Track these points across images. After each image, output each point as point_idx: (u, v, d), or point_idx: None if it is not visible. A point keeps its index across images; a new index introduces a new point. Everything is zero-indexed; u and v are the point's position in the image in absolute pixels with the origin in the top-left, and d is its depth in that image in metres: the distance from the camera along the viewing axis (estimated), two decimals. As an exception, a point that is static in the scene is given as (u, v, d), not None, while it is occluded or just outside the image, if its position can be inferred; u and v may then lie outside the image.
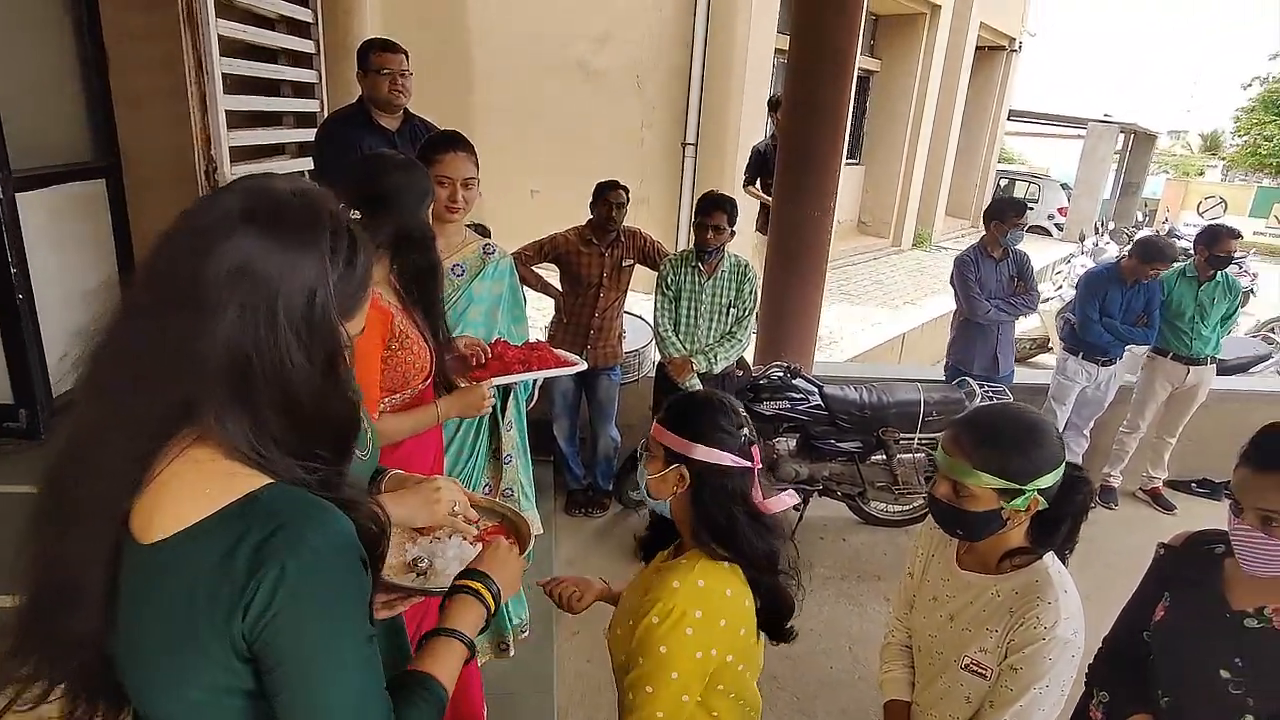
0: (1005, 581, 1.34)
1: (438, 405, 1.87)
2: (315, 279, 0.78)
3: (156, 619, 0.76)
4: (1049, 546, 1.33)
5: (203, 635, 0.74)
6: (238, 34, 3.25)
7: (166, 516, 0.76)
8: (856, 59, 3.95)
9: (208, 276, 0.73)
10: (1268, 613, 1.29)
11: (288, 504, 0.77)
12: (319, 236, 0.79)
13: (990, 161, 15.19)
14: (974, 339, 4.09)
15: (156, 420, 0.75)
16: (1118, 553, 3.91)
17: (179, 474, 0.76)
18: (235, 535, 0.74)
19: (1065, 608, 1.27)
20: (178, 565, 0.75)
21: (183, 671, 0.76)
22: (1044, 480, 1.26)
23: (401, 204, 1.74)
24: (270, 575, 0.72)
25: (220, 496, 0.76)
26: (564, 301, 3.64)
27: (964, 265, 4.05)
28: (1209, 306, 4.05)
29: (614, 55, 7.20)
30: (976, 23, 12.04)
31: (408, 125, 3.19)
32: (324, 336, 0.79)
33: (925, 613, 1.48)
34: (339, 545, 0.78)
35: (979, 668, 1.33)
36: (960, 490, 1.28)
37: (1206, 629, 1.37)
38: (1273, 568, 1.27)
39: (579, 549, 3.56)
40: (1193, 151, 38.68)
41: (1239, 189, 22.63)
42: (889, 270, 10.50)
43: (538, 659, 2.70)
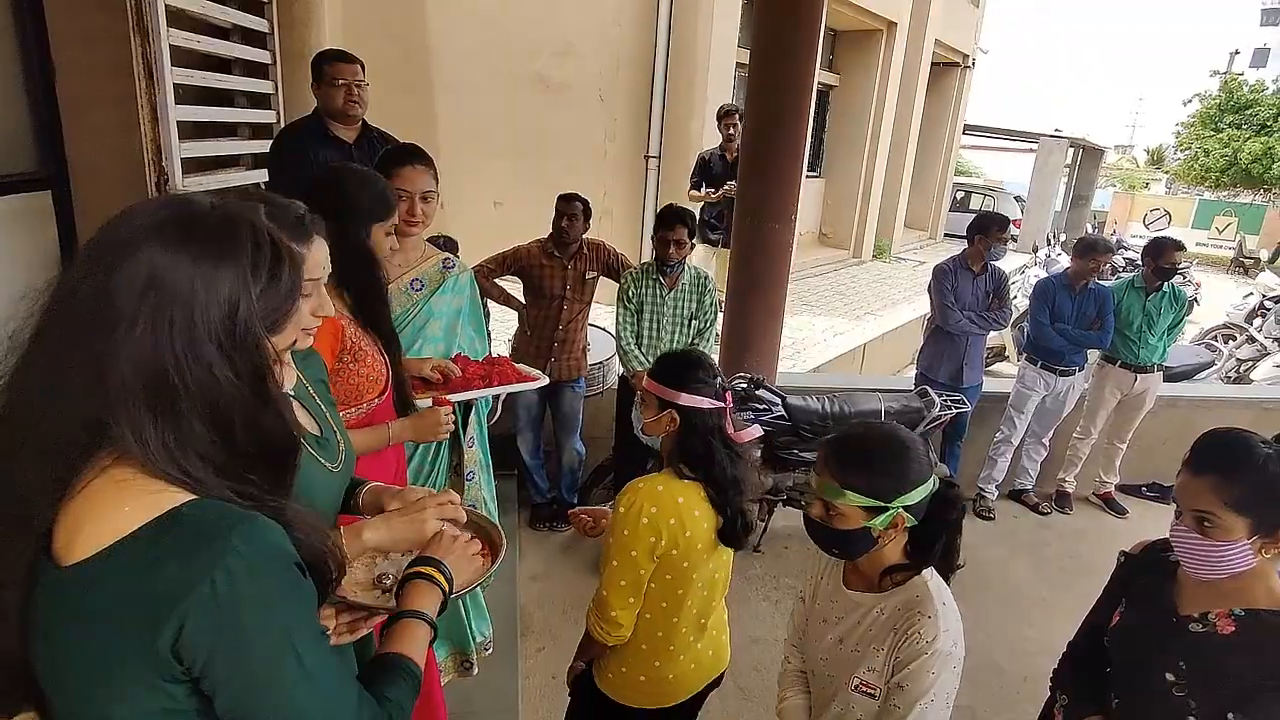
0: (888, 599, 1.36)
1: (389, 427, 1.82)
2: (234, 292, 0.76)
3: (78, 642, 0.74)
4: (926, 562, 1.36)
5: (126, 657, 0.71)
6: (191, 44, 3.18)
7: (85, 537, 0.73)
8: (816, 73, 4.02)
9: (115, 291, 0.71)
10: (1211, 618, 1.32)
11: (212, 516, 0.74)
12: (237, 249, 0.77)
13: (947, 174, 15.55)
14: (943, 348, 4.18)
15: (69, 440, 0.73)
16: (1072, 556, 4.02)
17: (98, 494, 0.74)
18: (156, 553, 0.71)
19: (944, 620, 1.29)
20: (97, 587, 0.72)
21: (107, 696, 0.74)
22: (909, 497, 1.29)
23: (347, 218, 1.70)
24: (201, 592, 0.70)
25: (139, 514, 0.73)
26: (527, 314, 3.62)
27: (942, 275, 4.14)
28: (1156, 316, 4.19)
29: (576, 68, 7.22)
30: (932, 40, 12.36)
31: (365, 137, 3.15)
32: (248, 350, 0.77)
33: (817, 636, 1.49)
34: (269, 553, 0.76)
35: (868, 688, 1.34)
36: (831, 510, 1.31)
37: (1155, 634, 1.40)
38: (1207, 569, 1.30)
39: (544, 563, 3.53)
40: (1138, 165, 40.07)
41: (1182, 201, 23.48)
42: (850, 281, 10.65)
43: (502, 677, 2.66)
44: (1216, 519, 1.26)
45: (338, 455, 1.32)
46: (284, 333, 0.86)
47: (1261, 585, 1.30)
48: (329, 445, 1.31)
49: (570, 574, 3.47)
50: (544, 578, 3.41)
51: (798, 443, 3.65)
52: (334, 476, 1.29)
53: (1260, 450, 1.27)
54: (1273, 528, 1.25)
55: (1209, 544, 1.28)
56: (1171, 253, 4.17)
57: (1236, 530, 1.25)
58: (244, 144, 3.78)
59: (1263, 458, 1.26)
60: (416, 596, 1.05)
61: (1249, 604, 1.29)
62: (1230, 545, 1.26)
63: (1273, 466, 1.25)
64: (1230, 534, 1.26)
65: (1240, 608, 1.29)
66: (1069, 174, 19.48)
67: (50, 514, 0.74)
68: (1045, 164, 16.83)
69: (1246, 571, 1.28)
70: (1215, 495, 1.27)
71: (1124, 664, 1.46)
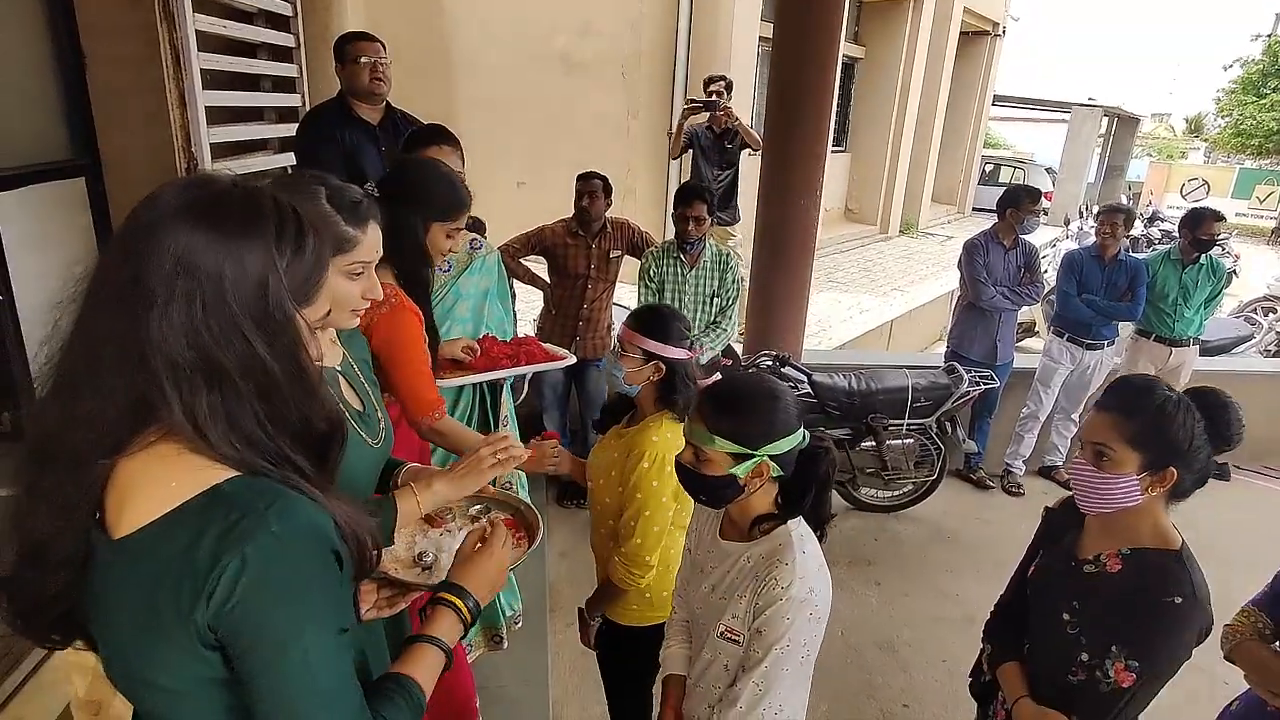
0: (754, 548, 1.38)
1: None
2: (263, 267, 0.77)
3: (126, 612, 0.77)
4: (794, 513, 1.38)
5: (169, 625, 0.74)
6: (217, 29, 3.20)
7: (132, 511, 0.76)
8: (840, 46, 3.95)
9: (146, 273, 0.73)
10: (1103, 558, 1.42)
11: (251, 493, 0.76)
12: (262, 225, 0.78)
13: (975, 147, 15.22)
14: (975, 324, 4.13)
15: (114, 417, 0.75)
16: (1105, 534, 3.97)
17: (145, 469, 0.77)
18: (198, 526, 0.74)
19: (801, 567, 1.31)
20: (144, 558, 0.75)
21: (153, 662, 0.77)
22: (775, 447, 1.31)
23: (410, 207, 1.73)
24: (232, 563, 0.72)
25: (184, 490, 0.76)
26: (552, 293, 3.63)
27: (973, 250, 4.08)
28: (1192, 289, 4.09)
29: (597, 46, 7.16)
30: (960, 8, 12.04)
31: (389, 118, 3.16)
32: (280, 325, 0.78)
33: (695, 585, 1.51)
34: (303, 533, 0.77)
35: (732, 634, 1.36)
36: (699, 455, 1.34)
37: (1057, 577, 1.50)
38: (1097, 501, 1.39)
39: (571, 539, 3.57)
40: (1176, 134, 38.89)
41: (1221, 171, 22.76)
42: (876, 257, 10.53)
43: (531, 652, 2.71)
44: (1112, 452, 1.35)
45: (378, 431, 1.36)
46: (314, 304, 0.87)
47: (1148, 524, 1.39)
48: (370, 421, 1.34)
49: (597, 551, 3.50)
50: (571, 554, 3.45)
51: (823, 420, 3.64)
52: (373, 452, 1.33)
53: (1161, 393, 1.36)
54: (1161, 466, 1.34)
55: (1102, 477, 1.36)
56: (1210, 224, 4.05)
57: (1128, 464, 1.34)
58: (271, 128, 3.82)
59: (1162, 399, 1.35)
60: (437, 623, 1.05)
61: (1135, 543, 1.39)
62: (1120, 479, 1.35)
63: (1169, 408, 1.34)
64: (1122, 467, 1.34)
65: (1128, 547, 1.40)
66: (1103, 144, 18.97)
67: (98, 488, 0.77)
68: (1078, 134, 16.40)
69: (1134, 510, 1.37)
70: (1114, 430, 1.35)
71: (1035, 609, 1.56)
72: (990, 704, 1.66)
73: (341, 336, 1.38)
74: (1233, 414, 1.38)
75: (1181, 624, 1.31)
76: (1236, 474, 4.54)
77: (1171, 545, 1.39)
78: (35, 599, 0.82)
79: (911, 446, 3.79)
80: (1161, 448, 1.33)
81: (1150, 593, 1.33)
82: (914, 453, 3.81)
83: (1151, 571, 1.36)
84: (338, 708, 0.80)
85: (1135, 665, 1.30)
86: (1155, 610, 1.31)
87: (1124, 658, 1.31)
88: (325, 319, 0.91)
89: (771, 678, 1.28)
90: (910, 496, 3.96)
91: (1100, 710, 1.34)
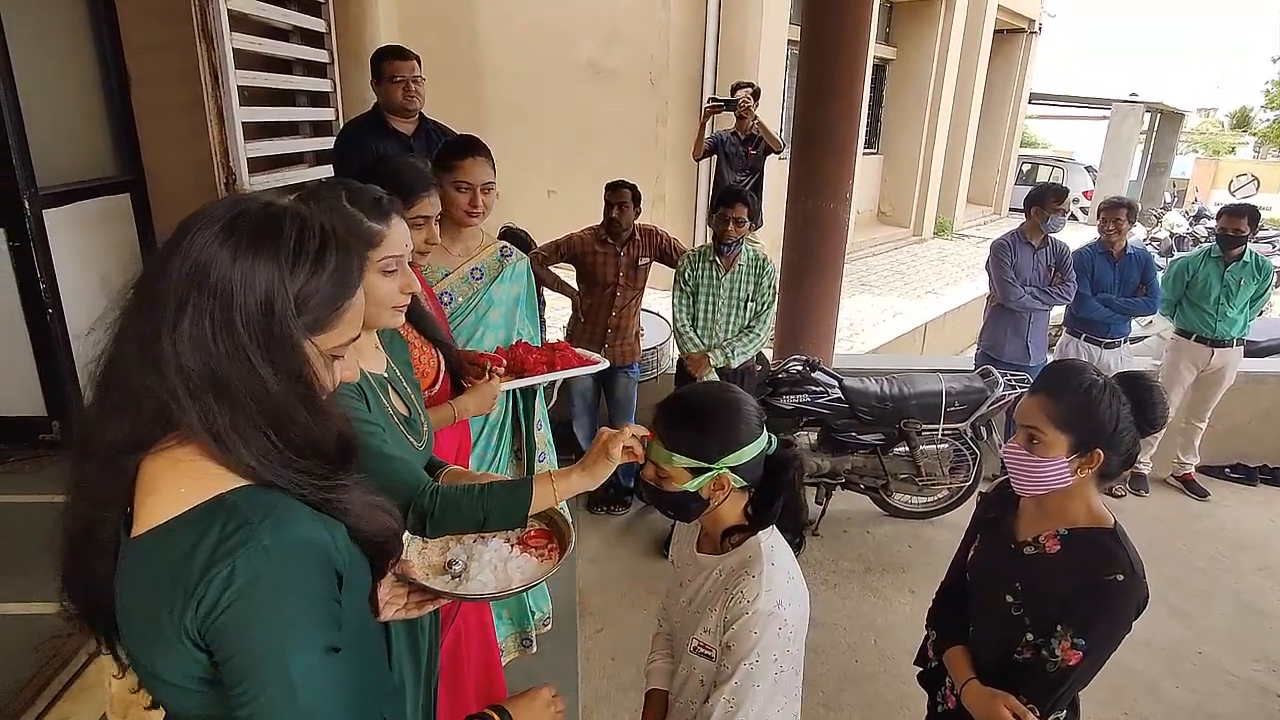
0: (726, 560, 1.34)
1: (452, 405, 1.86)
2: (270, 289, 0.77)
3: (135, 607, 0.80)
4: (763, 524, 1.32)
5: (164, 625, 0.76)
6: (253, 46, 3.30)
7: (146, 512, 0.79)
8: (870, 47, 3.92)
9: (168, 287, 0.76)
10: (1041, 540, 1.46)
11: (252, 505, 0.78)
12: (276, 244, 0.78)
13: (1012, 146, 14.95)
14: (1005, 326, 4.06)
15: (140, 416, 0.78)
16: (1147, 541, 3.84)
17: (161, 472, 0.80)
18: (198, 533, 0.76)
19: (769, 580, 1.25)
20: (149, 559, 0.78)
21: (156, 658, 0.79)
22: (733, 458, 1.25)
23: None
24: (221, 572, 0.74)
25: (193, 496, 0.78)
26: (581, 301, 3.65)
27: (1000, 250, 4.02)
28: (1235, 288, 3.97)
29: (625, 53, 7.20)
30: (994, 5, 11.86)
31: (423, 129, 3.23)
32: (285, 351, 0.79)
33: (674, 598, 1.47)
34: (295, 548, 0.78)
35: (704, 649, 1.31)
36: (660, 472, 1.29)
37: (997, 560, 1.54)
38: (1030, 483, 1.43)
39: (602, 546, 3.58)
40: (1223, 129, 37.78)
41: (1272, 165, 22.08)
42: (910, 260, 10.40)
43: (561, 656, 2.72)
44: (1042, 435, 1.39)
45: (422, 435, 1.39)
46: (335, 330, 0.84)
47: (1081, 505, 1.43)
48: (415, 425, 1.37)
49: (627, 557, 3.51)
50: (602, 560, 3.46)
51: (855, 425, 3.60)
52: (420, 454, 1.36)
53: (1089, 376, 1.40)
54: (1088, 447, 1.38)
55: (1034, 459, 1.40)
56: (1231, 219, 3.94)
57: (1058, 447, 1.38)
58: (306, 141, 3.91)
59: (1088, 382, 1.38)
60: None
61: (1072, 524, 1.43)
62: (1051, 462, 1.39)
63: (1095, 391, 1.38)
64: (1051, 450, 1.38)
65: (1065, 528, 1.44)
66: (1145, 141, 18.49)
67: (129, 480, 0.81)
68: (1119, 131, 16.02)
69: (1068, 494, 1.42)
70: (1043, 412, 1.39)
71: (977, 593, 1.60)
72: (939, 689, 1.68)
73: (383, 341, 1.40)
74: (1157, 398, 1.42)
75: (1125, 600, 1.35)
76: (1288, 479, 4.38)
77: (1105, 524, 1.42)
78: (87, 591, 0.86)
79: (946, 452, 3.73)
80: (1088, 430, 1.37)
81: (1093, 572, 1.36)
82: (948, 458, 3.74)
83: (1091, 550, 1.40)
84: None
85: (1081, 643, 1.34)
86: (1099, 589, 1.35)
87: (1070, 636, 1.35)
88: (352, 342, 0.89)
89: (742, 693, 1.23)
90: (945, 503, 3.89)
91: (1048, 689, 1.38)
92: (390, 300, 1.26)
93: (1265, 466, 4.42)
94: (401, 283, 1.27)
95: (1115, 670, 1.49)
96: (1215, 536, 3.86)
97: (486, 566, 1.28)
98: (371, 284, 1.20)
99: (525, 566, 1.32)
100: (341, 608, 0.82)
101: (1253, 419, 4.44)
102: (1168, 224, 13.42)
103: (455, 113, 3.96)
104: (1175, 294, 4.15)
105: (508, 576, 1.29)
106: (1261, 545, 3.80)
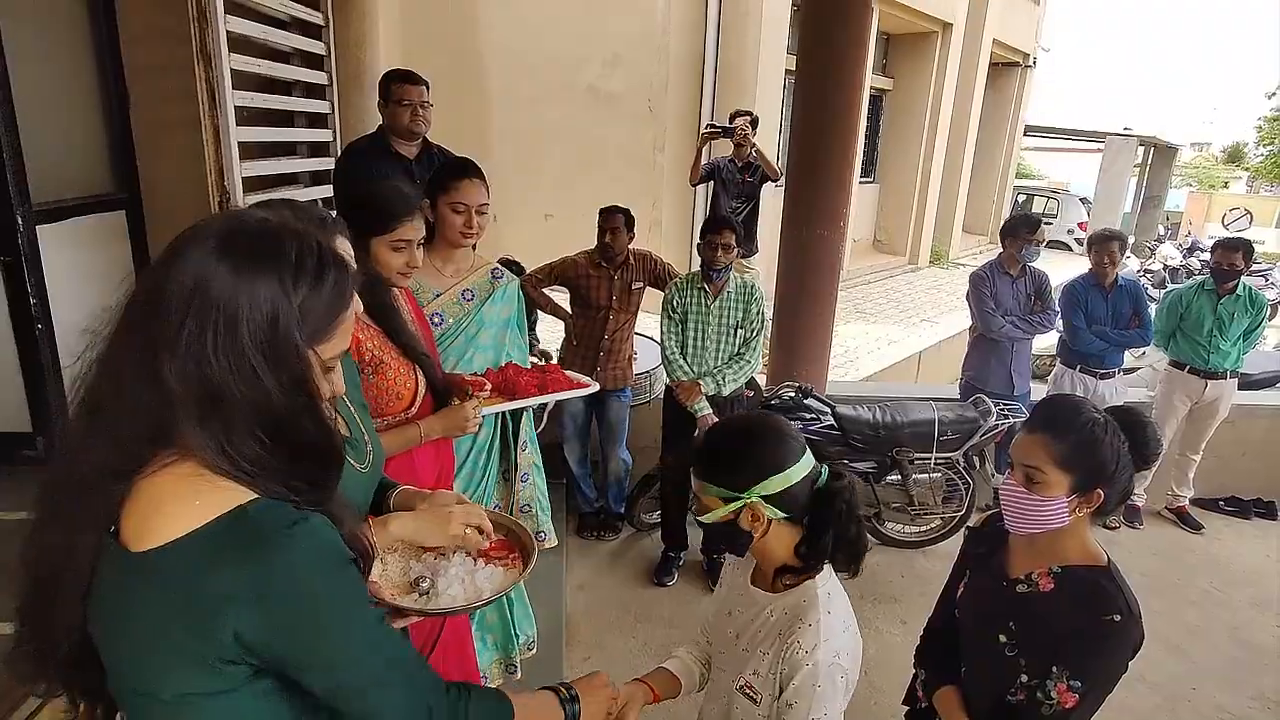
0: (779, 601, 1.30)
1: (420, 425, 1.84)
2: (274, 303, 0.79)
3: (140, 621, 0.79)
4: (813, 560, 1.27)
5: (185, 640, 0.76)
6: (252, 68, 3.32)
7: (157, 526, 0.78)
8: (867, 77, 3.96)
9: (166, 302, 0.76)
10: (1034, 577, 1.42)
11: (274, 516, 0.79)
12: (279, 259, 0.80)
13: (1007, 177, 15.11)
14: (988, 356, 4.06)
15: (132, 435, 0.78)
16: (1141, 574, 3.82)
17: (168, 486, 0.79)
18: (222, 547, 0.76)
19: (827, 629, 1.22)
20: (166, 574, 0.77)
21: (159, 675, 0.79)
22: (762, 487, 1.21)
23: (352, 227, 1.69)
24: (259, 587, 0.76)
25: (210, 509, 0.78)
26: (574, 324, 3.65)
27: (979, 281, 4.04)
28: (1228, 320, 3.98)
29: (625, 78, 7.27)
30: (989, 40, 12.04)
31: (426, 153, 3.24)
32: (289, 360, 0.80)
33: (720, 624, 1.44)
34: (326, 551, 0.82)
35: (750, 691, 1.28)
36: (701, 502, 1.28)
37: (990, 598, 1.50)
38: (1026, 523, 1.39)
39: (591, 572, 3.54)
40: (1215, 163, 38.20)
41: (1265, 200, 22.31)
42: (905, 288, 10.43)
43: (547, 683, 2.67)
44: (1043, 474, 1.35)
45: (366, 456, 1.36)
46: (331, 341, 0.87)
47: (1075, 542, 1.40)
48: (358, 446, 1.35)
49: (617, 583, 3.47)
50: (590, 587, 3.42)
51: (848, 453, 3.58)
52: (363, 477, 1.34)
53: (1089, 414, 1.36)
54: (1090, 487, 1.35)
55: (1033, 499, 1.37)
56: (1224, 253, 3.97)
57: (1058, 486, 1.35)
58: (302, 162, 3.92)
59: (1089, 420, 1.35)
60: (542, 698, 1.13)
61: (1065, 561, 1.40)
62: (1051, 501, 1.35)
63: (1096, 429, 1.34)
64: (1052, 489, 1.35)
65: (1058, 565, 1.40)
66: (1139, 174, 18.68)
67: (116, 503, 0.80)
68: (1113, 164, 16.16)
69: (1061, 531, 1.38)
70: (1044, 451, 1.35)
71: (968, 631, 1.55)
72: None
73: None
74: (1151, 433, 1.40)
75: (1122, 641, 1.32)
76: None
77: (1099, 562, 1.39)
78: (47, 626, 0.84)
79: (939, 480, 3.71)
80: (1090, 470, 1.34)
81: (1089, 612, 1.32)
82: (941, 487, 3.73)
83: (1086, 590, 1.36)
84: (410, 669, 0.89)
85: (1078, 685, 1.30)
86: (1096, 629, 1.31)
87: (1066, 678, 1.31)
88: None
89: None
90: (938, 532, 3.86)
91: None
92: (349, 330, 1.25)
93: (1259, 500, 4.40)
94: None
95: (1111, 708, 1.45)
96: (1209, 570, 3.83)
97: (455, 581, 1.27)
98: None
99: (493, 576, 1.31)
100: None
101: (1246, 452, 4.42)
102: (1161, 256, 13.53)
103: (456, 136, 3.98)
104: (1169, 326, 4.16)
105: (477, 588, 1.28)
106: (1255, 579, 3.77)
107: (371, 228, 1.75)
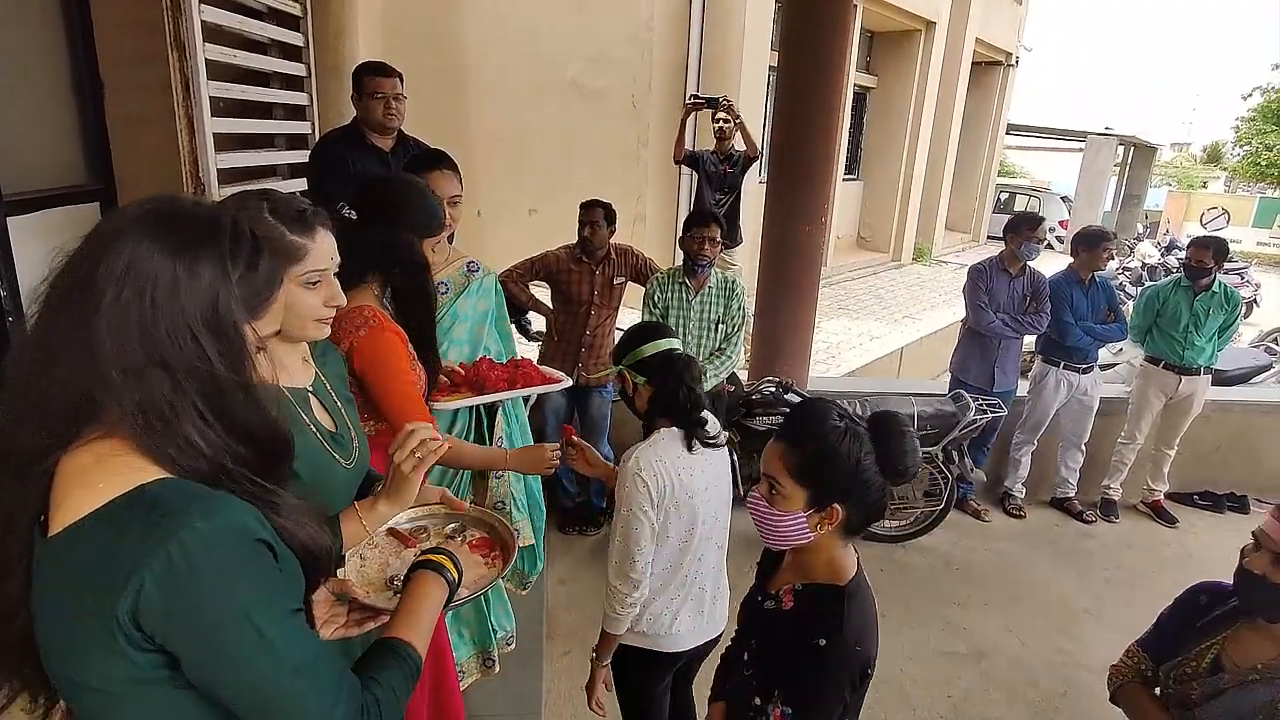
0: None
1: (506, 455, 1.99)
2: (214, 280, 0.80)
3: (55, 611, 0.77)
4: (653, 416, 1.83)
5: (92, 626, 0.74)
6: (227, 58, 3.28)
7: (64, 510, 0.77)
8: (849, 74, 3.98)
9: (99, 277, 0.76)
10: (780, 594, 1.34)
11: (177, 493, 0.77)
12: (217, 240, 0.82)
13: (990, 175, 15.21)
14: (974, 350, 4.10)
15: (58, 410, 0.77)
16: (1117, 567, 3.88)
17: (81, 468, 0.78)
18: (120, 526, 0.74)
19: (639, 452, 1.76)
20: (68, 557, 0.75)
21: (82, 664, 0.77)
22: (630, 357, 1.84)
23: (398, 222, 1.73)
24: (154, 562, 0.72)
25: (112, 489, 0.76)
26: (555, 319, 3.63)
27: (977, 275, 4.08)
28: (1204, 317, 4.03)
29: (608, 75, 7.25)
30: (972, 39, 12.12)
31: (402, 146, 3.21)
32: (229, 336, 0.81)
33: None
34: (228, 529, 0.77)
35: None
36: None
37: (745, 612, 1.46)
38: (774, 538, 1.29)
39: (572, 567, 3.53)
40: (1195, 163, 38.68)
41: (1242, 200, 22.64)
42: (888, 285, 10.49)
43: (525, 680, 2.66)
44: (781, 487, 1.24)
45: (352, 452, 1.35)
46: (263, 319, 0.92)
47: (822, 559, 1.29)
48: (343, 441, 1.33)
49: (598, 578, 3.43)
50: (572, 581, 3.41)
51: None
52: (348, 472, 1.32)
53: (832, 423, 1.23)
54: (825, 503, 1.23)
55: (773, 513, 1.26)
56: (1195, 250, 4.05)
57: (797, 501, 1.23)
58: (279, 154, 3.87)
59: (829, 430, 1.22)
60: (421, 584, 1.05)
61: (810, 578, 1.30)
62: (789, 516, 1.24)
63: (834, 438, 1.21)
64: (791, 504, 1.24)
65: (800, 583, 1.31)
66: (1120, 173, 18.88)
67: (42, 485, 0.79)
68: (1094, 163, 16.32)
69: (810, 546, 1.28)
70: (781, 461, 1.25)
71: (734, 649, 1.52)
72: None
73: (315, 355, 1.37)
74: (907, 443, 1.24)
75: (827, 667, 1.20)
76: (1256, 507, 4.42)
77: (839, 580, 1.27)
78: None
79: (919, 475, 3.73)
80: (825, 483, 1.22)
81: (806, 633, 1.23)
82: (922, 481, 3.75)
83: (811, 609, 1.27)
84: (310, 679, 0.79)
85: (789, 712, 1.21)
86: (804, 653, 1.22)
87: (780, 703, 1.22)
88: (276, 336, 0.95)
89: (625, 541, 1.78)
90: (918, 526, 3.89)
91: None
92: (313, 314, 1.23)
93: (1232, 494, 4.47)
94: (326, 296, 1.24)
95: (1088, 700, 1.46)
96: (1183, 563, 3.88)
97: None
98: (294, 298, 1.18)
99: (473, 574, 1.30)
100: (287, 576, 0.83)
101: (1220, 445, 4.49)
102: (1140, 254, 13.67)
103: (437, 130, 3.95)
104: (1146, 321, 4.21)
105: None
106: (1228, 572, 3.80)
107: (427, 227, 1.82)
